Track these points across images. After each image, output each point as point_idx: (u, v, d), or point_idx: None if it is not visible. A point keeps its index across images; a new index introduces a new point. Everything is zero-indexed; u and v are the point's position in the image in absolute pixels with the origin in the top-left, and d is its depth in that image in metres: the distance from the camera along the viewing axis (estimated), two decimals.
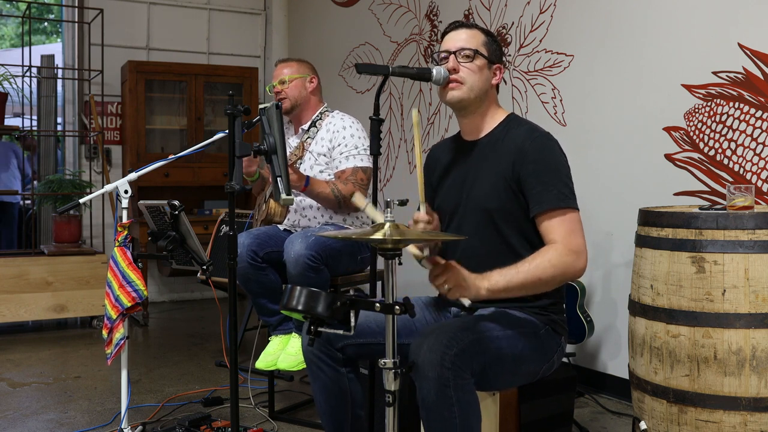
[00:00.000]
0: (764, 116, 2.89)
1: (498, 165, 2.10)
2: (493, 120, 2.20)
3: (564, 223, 2.00)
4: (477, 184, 2.14)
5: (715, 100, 3.06)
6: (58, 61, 5.91)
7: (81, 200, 2.83)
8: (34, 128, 5.57)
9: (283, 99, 3.23)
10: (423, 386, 1.80)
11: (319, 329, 1.77)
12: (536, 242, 2.07)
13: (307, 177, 2.99)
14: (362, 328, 2.07)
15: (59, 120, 5.92)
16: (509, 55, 4.04)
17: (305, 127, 3.28)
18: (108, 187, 2.79)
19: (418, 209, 2.05)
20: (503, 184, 2.07)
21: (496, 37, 2.21)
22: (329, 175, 3.16)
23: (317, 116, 3.28)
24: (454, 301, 1.91)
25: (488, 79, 2.16)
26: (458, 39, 2.15)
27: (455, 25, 2.19)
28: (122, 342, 2.74)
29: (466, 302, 1.89)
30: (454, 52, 2.13)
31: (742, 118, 2.96)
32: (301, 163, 3.21)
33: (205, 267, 2.67)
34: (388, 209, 1.75)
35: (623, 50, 3.43)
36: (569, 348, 3.54)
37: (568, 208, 2.02)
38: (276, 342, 3.13)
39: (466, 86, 2.11)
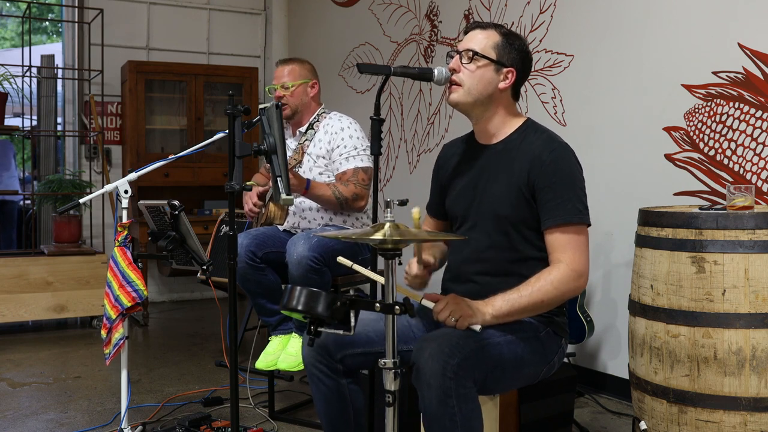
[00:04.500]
0: (764, 116, 2.89)
1: (513, 172, 2.06)
2: (507, 126, 2.15)
3: (573, 241, 1.99)
4: (490, 189, 2.11)
5: (715, 100, 3.06)
6: (58, 61, 5.91)
7: (81, 200, 2.83)
8: (35, 128, 5.57)
9: (284, 105, 3.20)
10: (425, 395, 1.79)
11: (319, 329, 1.77)
12: (545, 251, 2.05)
13: (308, 180, 2.99)
14: (362, 338, 2.07)
15: (59, 120, 5.91)
16: None
17: (303, 129, 3.28)
18: (108, 187, 2.79)
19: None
20: (517, 192, 2.04)
21: (516, 40, 2.12)
22: (329, 177, 3.16)
23: (314, 118, 3.27)
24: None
25: (491, 83, 2.09)
26: (469, 39, 2.11)
27: (473, 26, 2.15)
28: (121, 342, 2.74)
29: (477, 328, 1.90)
30: (460, 52, 2.11)
31: (742, 118, 2.96)
32: (300, 167, 3.21)
33: (205, 267, 2.66)
34: (388, 209, 1.75)
35: (623, 50, 3.43)
36: (569, 348, 3.54)
37: (581, 223, 2.01)
38: (276, 342, 3.13)
39: (463, 89, 2.08)
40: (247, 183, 3.10)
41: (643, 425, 2.52)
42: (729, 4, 3.00)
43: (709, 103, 3.08)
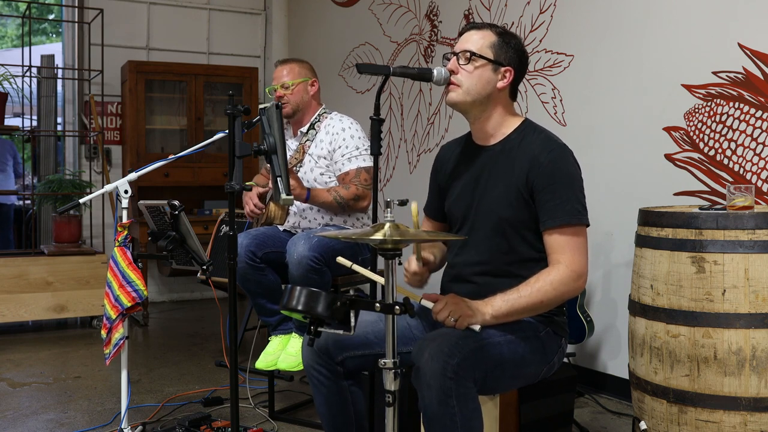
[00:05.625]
0: (764, 116, 2.89)
1: (512, 174, 2.06)
2: (505, 126, 2.15)
3: (572, 242, 1.99)
4: (489, 190, 2.11)
5: (715, 100, 3.06)
6: (58, 61, 5.91)
7: (81, 200, 2.83)
8: (35, 128, 5.57)
9: (285, 104, 3.21)
10: (425, 395, 1.79)
11: (319, 329, 1.77)
12: (544, 252, 2.05)
13: (308, 190, 3.00)
14: (361, 340, 2.07)
15: (59, 120, 5.92)
16: None
17: (304, 129, 3.28)
18: (108, 187, 2.79)
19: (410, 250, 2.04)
20: (516, 193, 2.04)
21: (512, 39, 2.13)
22: (330, 177, 3.16)
23: (315, 118, 3.28)
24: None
25: (490, 82, 2.09)
26: (465, 40, 2.12)
27: (468, 27, 2.15)
28: (121, 342, 2.74)
29: (477, 327, 1.90)
30: (458, 54, 2.11)
31: (742, 118, 2.96)
32: (300, 167, 3.21)
33: (205, 267, 2.67)
34: (388, 209, 1.75)
35: (623, 50, 3.43)
36: (569, 348, 3.54)
37: (580, 224, 2.01)
38: (276, 342, 3.13)
39: (462, 89, 2.08)
40: (247, 183, 3.10)
41: (643, 425, 2.52)
42: (729, 4, 3.00)
43: (709, 103, 3.08)
